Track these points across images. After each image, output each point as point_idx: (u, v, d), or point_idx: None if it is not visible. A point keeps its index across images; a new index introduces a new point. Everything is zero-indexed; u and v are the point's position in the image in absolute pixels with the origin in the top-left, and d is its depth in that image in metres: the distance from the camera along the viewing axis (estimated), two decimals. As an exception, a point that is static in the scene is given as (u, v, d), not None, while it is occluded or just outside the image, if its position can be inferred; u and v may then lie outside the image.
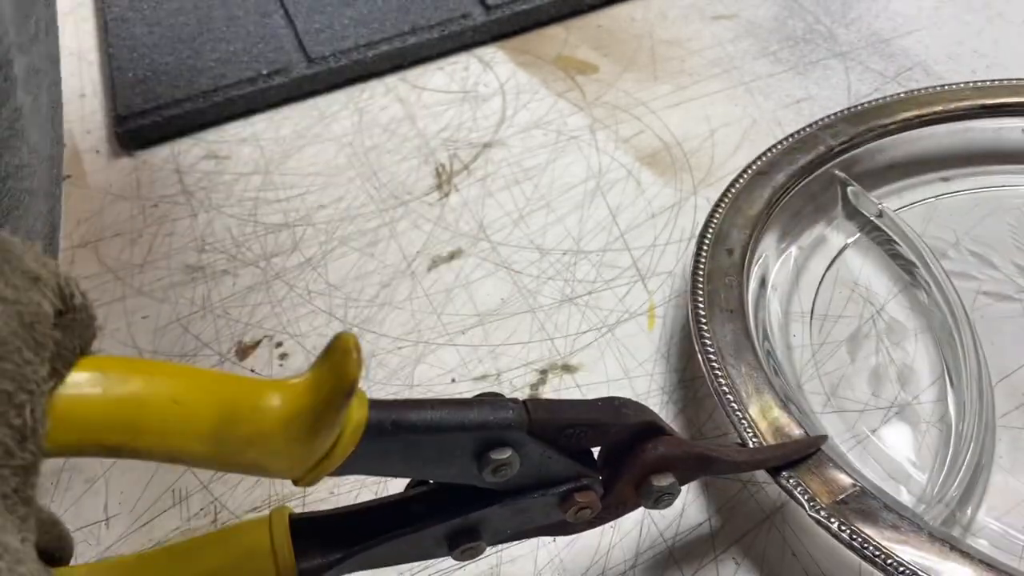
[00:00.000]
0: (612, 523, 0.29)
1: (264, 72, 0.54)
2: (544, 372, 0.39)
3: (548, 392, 0.38)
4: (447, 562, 0.33)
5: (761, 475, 0.35)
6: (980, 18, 0.55)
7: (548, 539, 0.33)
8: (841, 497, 0.30)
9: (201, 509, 0.35)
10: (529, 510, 0.26)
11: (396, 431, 0.22)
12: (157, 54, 0.56)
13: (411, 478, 0.26)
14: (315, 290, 0.44)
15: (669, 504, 0.28)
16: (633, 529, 0.34)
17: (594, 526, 0.28)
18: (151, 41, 0.57)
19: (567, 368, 0.39)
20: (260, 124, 0.54)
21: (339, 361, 0.20)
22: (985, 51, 0.53)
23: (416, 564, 0.33)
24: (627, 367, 0.39)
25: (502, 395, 0.25)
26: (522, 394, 0.38)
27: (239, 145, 0.52)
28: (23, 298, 0.18)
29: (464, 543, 0.26)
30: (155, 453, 0.19)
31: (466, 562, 0.27)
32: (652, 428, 0.27)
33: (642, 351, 0.40)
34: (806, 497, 0.30)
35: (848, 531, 0.29)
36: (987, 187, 0.44)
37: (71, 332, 0.19)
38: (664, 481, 0.27)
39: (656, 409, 0.37)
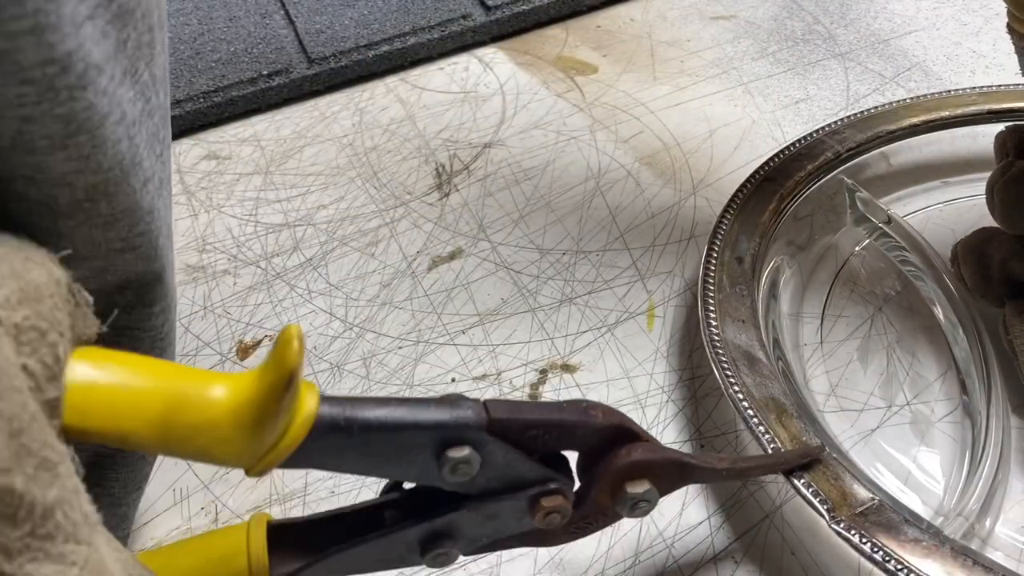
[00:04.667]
0: (613, 525, 0.29)
1: (265, 72, 0.54)
2: (544, 372, 0.39)
3: (548, 391, 0.38)
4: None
5: (764, 476, 0.35)
6: (978, 19, 0.56)
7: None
8: (860, 509, 0.29)
9: (202, 508, 0.36)
10: (500, 515, 0.25)
11: (350, 427, 0.22)
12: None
13: (371, 476, 0.25)
14: (316, 290, 0.44)
15: (647, 512, 0.27)
16: (633, 528, 0.34)
17: (576, 537, 0.28)
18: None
19: (567, 368, 0.39)
20: (261, 124, 0.54)
21: (280, 352, 0.20)
22: (984, 52, 0.53)
23: (408, 570, 0.33)
24: (627, 367, 0.39)
25: (465, 396, 0.25)
26: (522, 393, 0.39)
27: (240, 145, 0.52)
28: (51, 268, 0.19)
29: (436, 548, 0.25)
30: (106, 436, 0.19)
31: (441, 569, 0.27)
32: (624, 432, 0.26)
33: (642, 351, 0.40)
34: (826, 507, 0.30)
35: (869, 544, 0.29)
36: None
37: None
38: (639, 488, 0.26)
39: (656, 409, 0.38)
